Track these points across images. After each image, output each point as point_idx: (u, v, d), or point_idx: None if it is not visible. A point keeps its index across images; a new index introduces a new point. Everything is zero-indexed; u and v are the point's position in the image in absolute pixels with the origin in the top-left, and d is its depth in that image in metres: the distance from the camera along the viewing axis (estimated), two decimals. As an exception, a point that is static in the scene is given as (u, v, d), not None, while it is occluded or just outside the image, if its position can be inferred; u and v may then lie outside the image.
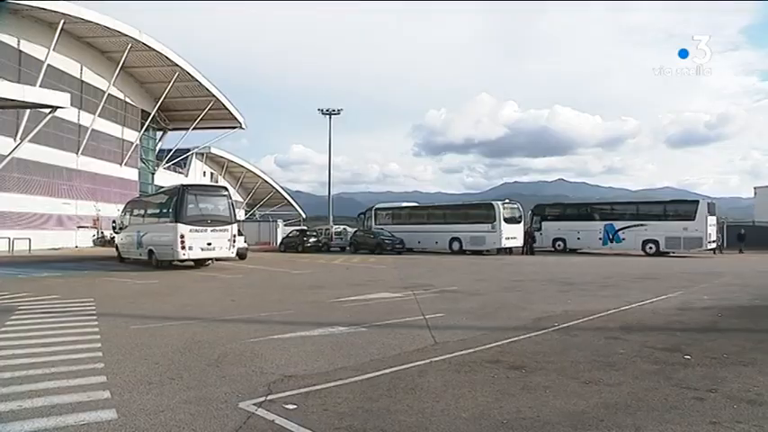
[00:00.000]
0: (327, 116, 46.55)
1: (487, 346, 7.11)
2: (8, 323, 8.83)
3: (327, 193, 49.81)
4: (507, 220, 30.20)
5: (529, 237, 31.39)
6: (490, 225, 30.12)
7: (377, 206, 38.11)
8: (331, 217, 46.57)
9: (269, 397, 4.97)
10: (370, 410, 4.61)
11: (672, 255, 28.33)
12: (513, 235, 30.41)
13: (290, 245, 35.86)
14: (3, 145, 27.22)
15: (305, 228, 44.14)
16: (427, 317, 9.45)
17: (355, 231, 36.47)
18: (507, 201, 32.05)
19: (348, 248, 35.00)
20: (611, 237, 30.19)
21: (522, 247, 31.16)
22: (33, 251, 28.90)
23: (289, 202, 76.52)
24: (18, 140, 26.71)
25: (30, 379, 5.53)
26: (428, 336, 7.84)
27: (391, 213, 36.92)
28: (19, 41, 31.02)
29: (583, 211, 33.79)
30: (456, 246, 31.50)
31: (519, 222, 31.39)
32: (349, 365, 6.16)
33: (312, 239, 35.70)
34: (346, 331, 8.18)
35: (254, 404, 4.75)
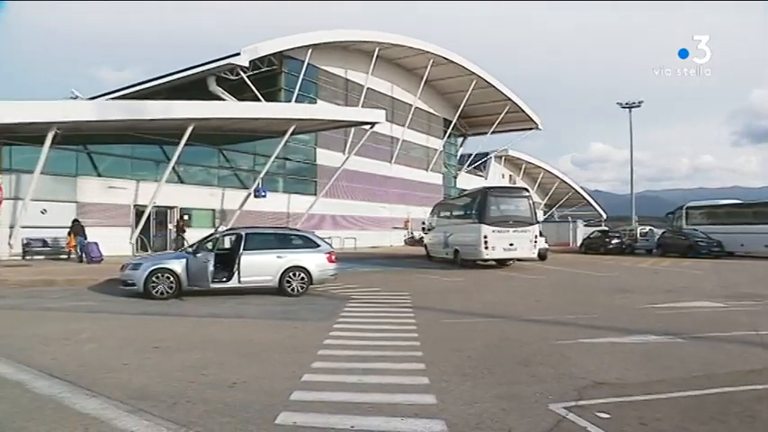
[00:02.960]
0: (627, 109, 43.26)
1: None
2: (345, 309, 10.55)
3: (629, 192, 46.26)
4: None
5: None
6: None
7: (688, 204, 34.15)
8: (634, 217, 43.19)
9: (579, 402, 4.80)
10: (697, 433, 4.09)
11: None
12: None
13: (592, 246, 34.64)
14: (335, 158, 32.51)
15: (606, 228, 41.94)
16: (762, 333, 7.98)
17: (663, 232, 33.19)
18: None
19: (655, 251, 32.06)
20: None
21: None
22: (357, 249, 33.58)
23: (588, 201, 73.48)
24: (346, 154, 31.53)
25: (365, 358, 6.42)
26: (764, 355, 6.65)
27: (706, 212, 32.40)
28: (346, 71, 36.85)
29: None
30: None
31: None
32: (666, 379, 5.59)
33: (615, 240, 33.78)
34: (661, 341, 7.49)
35: (564, 407, 4.64)
